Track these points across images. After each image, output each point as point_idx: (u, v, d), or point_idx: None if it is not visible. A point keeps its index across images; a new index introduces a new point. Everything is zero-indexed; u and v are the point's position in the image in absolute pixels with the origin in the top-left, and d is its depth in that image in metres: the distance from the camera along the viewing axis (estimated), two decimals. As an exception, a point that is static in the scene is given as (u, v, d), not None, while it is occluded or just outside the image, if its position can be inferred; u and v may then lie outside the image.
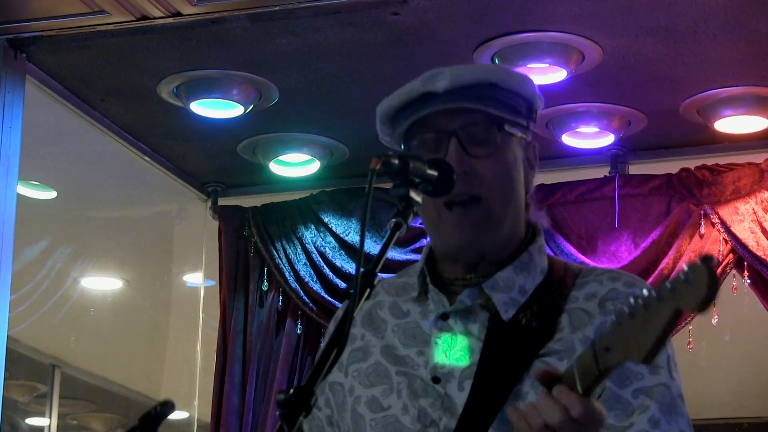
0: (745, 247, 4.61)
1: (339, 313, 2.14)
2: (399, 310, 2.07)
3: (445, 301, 2.02)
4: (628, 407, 1.90)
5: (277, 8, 4.00)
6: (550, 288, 2.01)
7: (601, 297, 1.99)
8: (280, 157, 5.09)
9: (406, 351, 2.02)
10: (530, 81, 2.09)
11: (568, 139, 4.84)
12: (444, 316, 2.01)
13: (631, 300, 1.61)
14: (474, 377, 1.94)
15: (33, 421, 7.53)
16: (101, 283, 6.57)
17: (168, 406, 2.15)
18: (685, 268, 1.52)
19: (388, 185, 1.86)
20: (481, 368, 1.94)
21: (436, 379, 1.97)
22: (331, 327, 2.15)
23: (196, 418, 5.89)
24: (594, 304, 1.98)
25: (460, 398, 1.94)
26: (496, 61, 4.23)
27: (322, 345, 2.14)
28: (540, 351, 1.94)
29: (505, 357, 1.94)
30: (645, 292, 1.59)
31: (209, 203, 5.44)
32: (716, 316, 4.51)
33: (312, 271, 5.09)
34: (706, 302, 1.50)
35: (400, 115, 2.05)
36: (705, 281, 1.49)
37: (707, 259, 1.50)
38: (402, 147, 2.06)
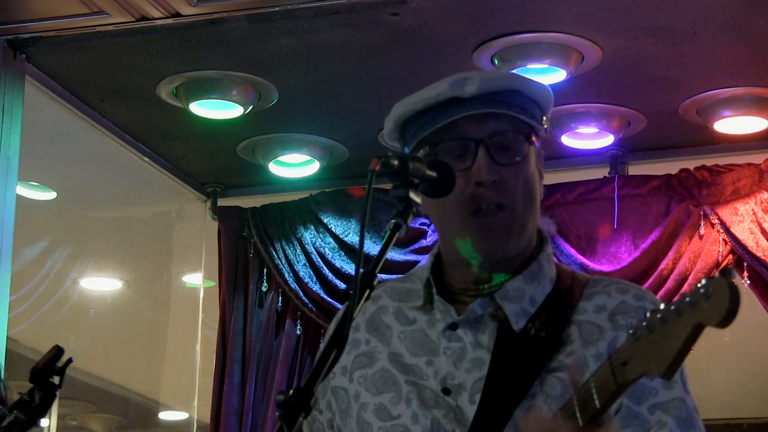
0: (744, 247, 4.60)
1: (340, 314, 2.13)
2: (404, 317, 2.05)
3: (452, 311, 2.00)
4: (645, 423, 1.89)
5: (277, 9, 4.00)
6: (558, 298, 2.00)
7: (611, 310, 1.97)
8: (280, 158, 5.09)
9: (413, 360, 2.00)
10: (550, 92, 2.08)
11: (567, 140, 4.84)
12: (453, 326, 1.99)
13: (648, 314, 1.59)
14: (482, 389, 1.92)
15: (32, 421, 7.51)
16: (101, 284, 6.57)
17: (55, 352, 2.11)
18: (704, 281, 1.49)
19: (388, 186, 1.85)
20: (490, 380, 1.93)
21: (446, 391, 1.95)
22: (332, 328, 2.12)
23: (195, 419, 5.89)
24: (604, 317, 1.97)
25: (472, 411, 1.92)
26: (496, 61, 4.23)
27: (322, 346, 2.14)
28: (551, 364, 1.92)
29: (514, 369, 1.93)
30: (662, 305, 1.56)
31: (209, 204, 5.44)
32: (716, 317, 4.50)
33: (311, 272, 5.09)
34: (728, 317, 1.47)
35: (417, 119, 2.01)
36: (726, 295, 1.46)
37: (726, 273, 1.47)
38: (420, 151, 2.01)
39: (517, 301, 1.98)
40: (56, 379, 2.12)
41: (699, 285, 1.50)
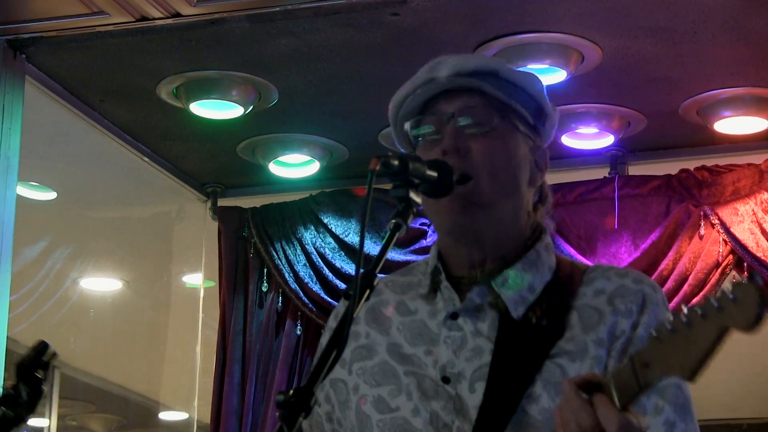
0: (744, 248, 4.60)
1: (340, 308, 2.13)
2: (405, 308, 2.06)
3: (456, 299, 2.01)
4: (641, 408, 1.88)
5: (277, 9, 4.00)
6: (558, 285, 2.01)
7: (609, 293, 1.98)
8: (280, 158, 5.10)
9: (412, 350, 2.01)
10: (538, 80, 2.10)
11: (567, 140, 4.84)
12: (453, 316, 2.00)
13: (671, 316, 1.59)
14: (487, 379, 1.93)
15: (32, 421, 7.53)
16: (101, 284, 6.57)
17: (40, 347, 2.11)
18: (730, 286, 1.50)
19: (388, 186, 1.86)
20: (494, 369, 1.93)
21: (445, 379, 1.96)
22: (332, 323, 2.13)
23: (195, 419, 5.89)
24: (603, 301, 1.97)
25: (472, 400, 1.93)
26: (496, 61, 4.23)
27: (322, 341, 2.14)
28: (551, 351, 1.93)
29: (517, 357, 1.93)
30: (685, 308, 1.56)
31: (209, 204, 5.44)
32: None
33: (312, 272, 5.09)
34: (756, 322, 1.48)
35: (404, 109, 2.07)
36: (755, 301, 1.47)
37: (754, 277, 1.49)
38: (409, 140, 2.06)
39: (515, 288, 1.99)
40: (41, 374, 2.12)
41: (726, 289, 1.50)
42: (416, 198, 1.84)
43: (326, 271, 5.07)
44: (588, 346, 1.93)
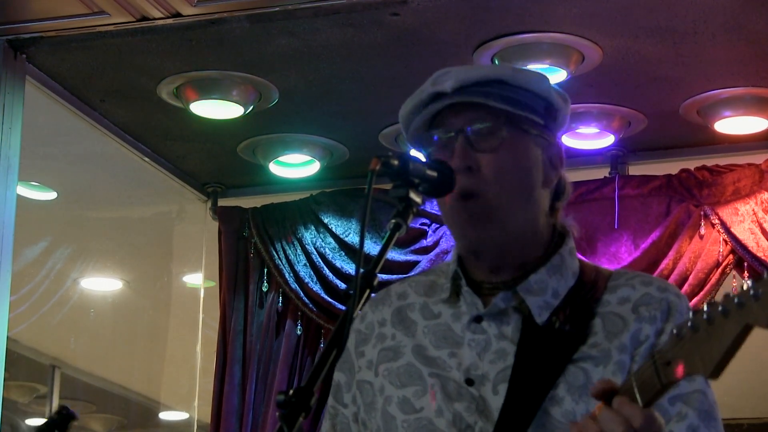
0: (745, 247, 4.61)
1: (366, 311, 2.16)
2: (429, 312, 2.07)
3: (479, 304, 2.02)
4: (665, 415, 1.87)
5: (277, 9, 4.00)
6: (582, 291, 2.02)
7: (634, 301, 1.99)
8: (280, 158, 5.10)
9: (437, 352, 2.02)
10: (544, 78, 2.08)
11: (568, 140, 4.84)
12: (477, 319, 2.01)
13: (692, 314, 1.58)
14: (509, 381, 1.94)
15: (33, 421, 7.53)
16: (101, 284, 6.57)
17: (64, 412, 2.13)
18: (751, 282, 1.48)
19: (388, 186, 1.86)
20: (516, 372, 1.94)
21: (469, 382, 1.97)
22: (357, 324, 2.15)
23: (195, 419, 5.90)
24: (627, 308, 1.98)
25: (495, 402, 1.94)
26: (496, 62, 4.23)
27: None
28: (575, 355, 1.94)
29: (540, 361, 1.94)
30: (706, 306, 1.55)
31: (209, 204, 5.44)
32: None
33: (312, 272, 5.09)
34: None
35: (413, 121, 2.06)
36: None
37: None
38: (423, 150, 2.06)
39: (540, 294, 2.00)
40: None
41: (747, 287, 1.49)
42: (416, 198, 1.84)
43: (326, 271, 5.07)
44: (611, 353, 1.94)
